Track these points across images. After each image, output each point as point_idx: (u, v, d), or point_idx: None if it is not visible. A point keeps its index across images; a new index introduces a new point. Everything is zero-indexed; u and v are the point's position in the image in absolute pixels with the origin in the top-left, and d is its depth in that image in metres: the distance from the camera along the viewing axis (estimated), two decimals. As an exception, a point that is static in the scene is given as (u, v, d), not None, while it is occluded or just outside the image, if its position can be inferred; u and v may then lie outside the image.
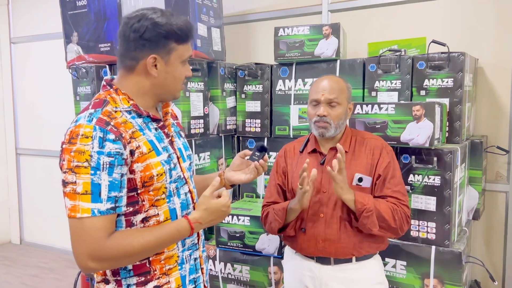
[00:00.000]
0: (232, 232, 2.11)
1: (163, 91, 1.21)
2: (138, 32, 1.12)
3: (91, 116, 1.08)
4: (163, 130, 1.22)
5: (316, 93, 1.62)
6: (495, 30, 2.33)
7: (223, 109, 2.45)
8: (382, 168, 1.59)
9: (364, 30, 2.64)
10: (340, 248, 1.58)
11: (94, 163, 1.03)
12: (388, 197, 1.57)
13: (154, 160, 1.13)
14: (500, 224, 2.40)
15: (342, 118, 1.62)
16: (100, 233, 1.05)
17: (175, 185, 1.20)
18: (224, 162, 2.53)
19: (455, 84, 1.98)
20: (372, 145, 1.64)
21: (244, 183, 1.50)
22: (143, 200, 1.14)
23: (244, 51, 2.98)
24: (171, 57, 1.16)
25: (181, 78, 1.22)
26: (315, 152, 1.68)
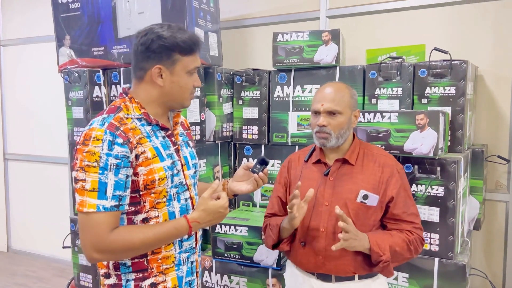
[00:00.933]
0: (229, 243, 2.05)
1: (170, 100, 1.30)
2: (144, 45, 1.24)
3: (103, 121, 1.20)
4: (170, 138, 1.31)
5: (316, 103, 1.57)
6: (495, 38, 2.31)
7: (219, 116, 2.40)
8: (395, 189, 1.52)
9: (362, 37, 2.61)
10: (341, 265, 1.51)
11: (102, 163, 1.14)
12: (403, 222, 1.52)
13: (157, 165, 1.22)
14: (500, 234, 2.37)
15: (344, 128, 1.55)
16: (104, 227, 1.15)
17: (176, 190, 1.28)
18: (220, 169, 2.47)
19: (457, 93, 1.95)
20: (382, 162, 1.56)
21: (244, 193, 1.56)
22: (144, 201, 1.23)
23: (240, 57, 2.94)
24: (176, 68, 1.26)
25: (187, 88, 1.30)
26: (320, 163, 1.62)
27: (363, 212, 1.52)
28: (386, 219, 1.55)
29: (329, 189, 1.54)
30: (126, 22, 2.28)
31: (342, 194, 1.52)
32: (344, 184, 1.54)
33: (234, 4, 2.96)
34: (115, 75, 2.33)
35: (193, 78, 1.30)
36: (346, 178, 1.55)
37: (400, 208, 1.52)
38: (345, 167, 1.57)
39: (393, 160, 1.59)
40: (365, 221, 1.53)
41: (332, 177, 1.56)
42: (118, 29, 2.31)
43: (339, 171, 1.57)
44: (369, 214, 1.53)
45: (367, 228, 1.52)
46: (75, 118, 2.44)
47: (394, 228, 1.54)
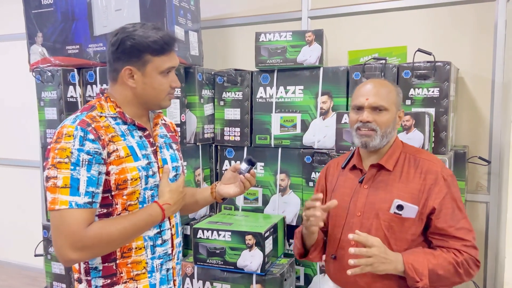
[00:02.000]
0: (211, 248, 1.99)
1: (146, 101, 1.26)
2: (114, 46, 1.22)
3: (75, 118, 1.18)
4: (148, 139, 1.28)
5: (359, 97, 1.41)
6: (475, 40, 2.33)
7: (200, 117, 2.33)
8: (438, 199, 1.35)
9: (344, 38, 2.59)
10: (373, 283, 1.37)
11: (74, 159, 1.12)
12: (451, 239, 1.34)
13: (130, 165, 1.19)
14: (481, 235, 2.38)
15: (390, 126, 1.39)
16: (78, 224, 1.10)
17: (150, 192, 1.25)
18: (201, 172, 2.40)
19: (440, 94, 1.95)
20: (425, 167, 1.39)
21: (232, 197, 1.50)
22: (116, 203, 1.20)
23: (222, 57, 2.88)
24: (147, 69, 1.22)
25: (162, 89, 1.25)
26: (356, 169, 1.48)
27: (398, 225, 1.36)
28: (431, 234, 1.38)
29: (362, 198, 1.40)
30: (103, 20, 2.19)
31: (374, 204, 1.38)
32: (379, 192, 1.40)
33: (215, 3, 2.90)
34: (91, 75, 2.23)
35: (169, 78, 1.26)
36: (381, 186, 1.41)
37: (446, 221, 1.34)
38: (382, 173, 1.43)
39: (439, 166, 1.41)
40: (400, 235, 1.37)
41: (367, 184, 1.43)
42: (94, 27, 2.21)
43: (376, 178, 1.43)
44: (406, 228, 1.37)
45: (404, 243, 1.37)
46: (48, 120, 2.32)
47: (440, 245, 1.36)
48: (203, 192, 1.52)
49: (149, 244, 1.25)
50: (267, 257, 1.93)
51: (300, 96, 2.19)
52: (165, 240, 1.30)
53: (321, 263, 2.17)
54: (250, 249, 1.92)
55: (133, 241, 1.23)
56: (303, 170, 2.18)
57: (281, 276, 1.94)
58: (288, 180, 2.25)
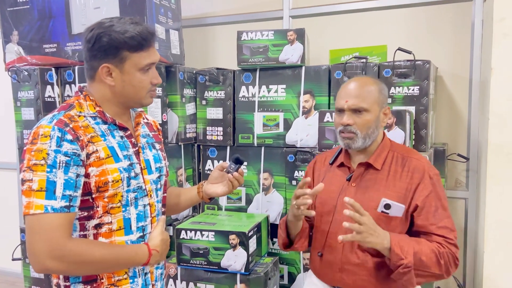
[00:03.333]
0: (195, 249, 1.97)
1: (126, 99, 1.22)
2: (90, 42, 1.16)
3: (52, 118, 1.12)
4: (129, 139, 1.23)
5: (340, 99, 1.44)
6: (453, 40, 2.38)
7: (182, 116, 2.31)
8: (422, 197, 1.36)
9: (325, 37, 2.61)
10: (358, 281, 1.38)
11: (50, 161, 1.07)
12: (433, 235, 1.36)
13: (111, 166, 1.15)
14: (460, 231, 2.43)
15: (371, 127, 1.41)
16: (59, 231, 1.05)
17: (134, 195, 1.21)
18: (183, 172, 2.37)
19: (420, 92, 1.97)
20: (412, 166, 1.41)
21: (220, 196, 1.48)
22: (97, 206, 1.15)
23: (203, 56, 2.85)
24: (125, 66, 1.17)
25: (142, 86, 1.20)
26: (344, 166, 1.49)
27: (385, 223, 1.37)
28: (413, 233, 1.39)
29: (350, 196, 1.39)
30: (81, 18, 2.15)
31: (362, 203, 1.35)
32: (366, 191, 1.41)
33: (196, 2, 2.87)
34: (69, 74, 2.18)
35: (149, 74, 1.21)
36: (369, 184, 1.42)
37: (427, 219, 1.36)
38: (370, 172, 1.44)
39: (425, 165, 1.42)
40: None
41: (354, 182, 1.44)
42: (72, 25, 2.16)
43: (363, 176, 1.44)
44: (392, 226, 1.38)
45: None
46: (24, 120, 2.26)
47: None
48: (189, 192, 1.49)
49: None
50: (251, 257, 1.93)
51: (283, 95, 2.20)
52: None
53: (304, 261, 2.17)
54: (234, 249, 1.91)
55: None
56: (286, 169, 2.18)
57: (265, 275, 1.93)
58: (271, 179, 2.25)
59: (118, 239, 1.19)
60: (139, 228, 1.23)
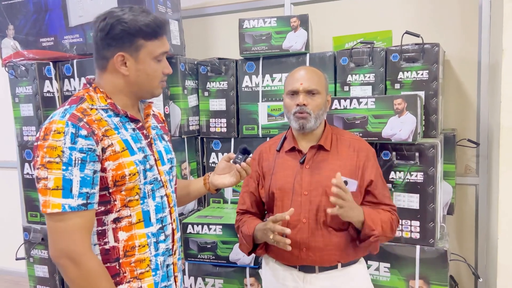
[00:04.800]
0: (202, 243, 1.92)
1: (138, 89, 1.20)
2: (103, 31, 1.13)
3: (65, 112, 1.09)
4: (141, 131, 1.22)
5: (294, 83, 1.52)
6: (460, 23, 2.31)
7: (184, 109, 2.25)
8: (373, 173, 1.51)
9: (328, 24, 2.55)
10: (325, 256, 1.47)
11: (66, 158, 1.04)
12: (381, 205, 1.51)
13: (127, 160, 1.13)
14: (471, 218, 2.39)
15: (322, 109, 1.52)
16: (79, 233, 1.05)
17: (150, 187, 1.19)
18: (187, 166, 2.32)
19: (430, 76, 1.92)
20: (357, 146, 1.54)
21: (227, 187, 1.50)
22: (115, 200, 1.13)
23: (204, 46, 2.79)
24: (140, 54, 1.15)
25: (155, 76, 1.19)
26: (293, 151, 1.56)
27: None
28: (366, 203, 1.53)
29: (306, 177, 1.49)
30: (78, 9, 2.08)
31: (321, 182, 1.47)
32: (322, 171, 1.49)
33: (195, -8, 2.81)
34: (68, 68, 2.13)
35: (161, 64, 1.20)
36: (323, 165, 1.51)
37: (379, 191, 1.52)
38: (321, 153, 1.53)
39: (366, 144, 1.58)
40: None
41: (308, 164, 1.51)
42: (69, 17, 2.10)
43: (315, 158, 1.52)
44: None
45: None
46: (24, 117, 2.21)
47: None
48: (196, 183, 1.47)
49: (152, 240, 1.20)
50: (260, 249, 1.88)
51: (287, 84, 2.14)
52: (167, 235, 1.24)
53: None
54: (242, 242, 1.87)
55: (136, 239, 1.17)
56: (293, 159, 2.13)
57: (275, 268, 1.89)
58: (278, 170, 2.20)
59: (138, 232, 1.17)
60: (158, 220, 1.22)
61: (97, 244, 1.14)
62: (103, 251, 1.14)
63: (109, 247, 1.14)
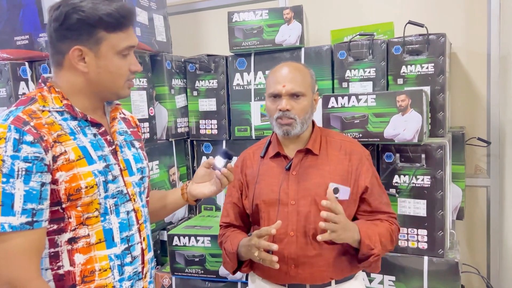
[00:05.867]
0: (190, 256, 1.77)
1: (101, 89, 1.06)
2: (57, 21, 0.99)
3: (9, 115, 0.95)
4: (104, 137, 1.07)
5: (276, 85, 1.35)
6: (467, 13, 2.15)
7: (172, 110, 2.10)
8: (368, 178, 1.36)
9: (325, 17, 2.39)
10: (316, 273, 1.31)
11: (6, 169, 0.90)
12: (379, 214, 1.37)
13: (83, 170, 0.99)
14: (482, 222, 2.22)
15: (308, 112, 1.37)
16: (24, 257, 0.90)
17: (113, 201, 1.05)
18: (176, 171, 2.17)
19: (436, 70, 1.75)
20: (349, 149, 1.39)
21: (208, 197, 1.29)
22: (69, 216, 0.99)
23: (192, 43, 2.64)
24: (101, 48, 1.01)
25: (120, 73, 1.05)
26: (278, 156, 1.40)
27: None
28: (362, 212, 1.39)
29: (293, 185, 1.34)
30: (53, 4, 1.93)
31: (309, 190, 1.33)
32: (310, 178, 1.35)
33: (183, -14, 2.66)
34: (45, 68, 1.97)
35: (128, 60, 1.06)
36: (311, 171, 1.36)
37: (376, 198, 1.38)
38: (309, 158, 1.38)
39: (359, 146, 1.43)
40: None
41: (295, 171, 1.36)
42: (43, 13, 1.95)
43: (302, 163, 1.37)
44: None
45: None
46: (-1, 121, 2.06)
47: (369, 220, 1.38)
48: (173, 194, 1.31)
49: (116, 263, 1.04)
50: (252, 262, 1.72)
51: (281, 81, 1.98)
52: (135, 256, 1.09)
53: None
54: (233, 255, 1.71)
55: (95, 262, 1.01)
56: (288, 162, 1.97)
57: (270, 282, 1.73)
58: (273, 175, 2.04)
59: (98, 254, 1.02)
60: (124, 239, 1.06)
61: (49, 269, 0.98)
62: (57, 277, 0.98)
63: (64, 272, 0.98)
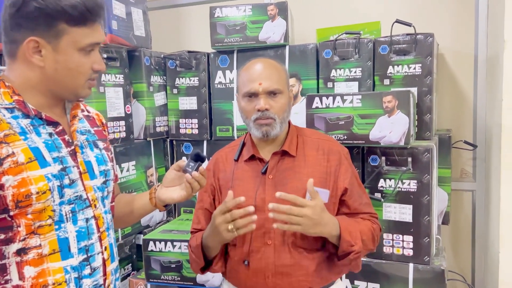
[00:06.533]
0: (166, 262, 1.68)
1: (58, 87, 0.97)
2: (14, 7, 0.90)
3: None
4: (62, 136, 0.98)
5: (251, 83, 1.26)
6: (455, 13, 2.11)
7: (150, 108, 2.01)
8: (347, 179, 1.29)
9: (311, 15, 2.33)
10: (295, 282, 1.24)
11: None
12: (359, 215, 1.30)
13: (34, 173, 0.90)
14: (467, 227, 2.18)
15: (286, 110, 1.29)
16: None
17: (70, 207, 0.96)
18: (155, 172, 2.08)
19: (423, 71, 1.70)
20: (326, 148, 1.31)
21: (177, 202, 1.20)
22: (18, 225, 0.90)
23: (173, 38, 2.55)
24: (62, 43, 0.93)
25: (80, 72, 0.97)
26: (253, 159, 1.31)
27: None
28: (341, 215, 1.30)
29: (270, 190, 1.25)
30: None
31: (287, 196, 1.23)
32: (288, 182, 1.27)
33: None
34: None
35: (91, 58, 0.98)
36: (288, 174, 1.28)
37: (356, 199, 1.31)
38: (285, 160, 1.30)
39: (337, 145, 1.36)
40: None
41: (271, 174, 1.28)
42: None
43: (279, 166, 1.29)
44: None
45: None
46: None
47: None
48: (140, 199, 1.22)
49: (73, 276, 0.95)
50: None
51: (264, 80, 1.91)
52: (95, 268, 1.00)
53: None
54: (211, 261, 1.63)
55: (48, 275, 0.92)
56: (271, 164, 1.90)
57: (250, 290, 1.66)
58: (255, 177, 1.97)
59: (52, 266, 0.92)
60: (82, 249, 0.97)
61: None
62: None
63: (12, 286, 0.90)
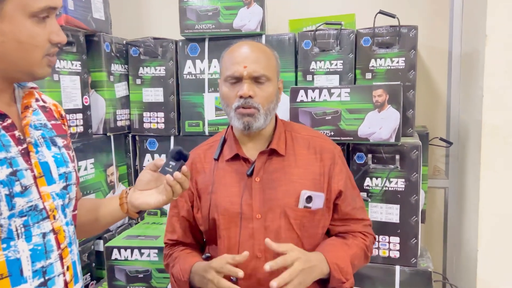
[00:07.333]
0: (132, 272, 1.51)
1: (7, 65, 0.79)
2: None
3: None
4: (11, 132, 0.80)
5: (234, 65, 1.11)
6: (430, 6, 2.08)
7: (110, 99, 1.81)
8: (341, 181, 1.18)
9: (284, 5, 2.22)
10: None
11: None
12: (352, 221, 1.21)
13: None
14: (439, 223, 2.18)
15: (273, 101, 1.15)
16: None
17: (21, 221, 0.78)
18: (115, 171, 1.88)
19: (406, 65, 1.64)
20: (318, 146, 1.19)
21: (154, 208, 1.02)
22: None
23: (136, 23, 2.35)
24: (6, 8, 0.75)
25: (34, 44, 0.79)
26: (237, 159, 1.17)
27: (309, 220, 1.15)
28: (333, 221, 1.22)
29: (257, 194, 1.14)
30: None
31: (277, 201, 1.13)
32: (277, 185, 1.14)
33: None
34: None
35: (47, 27, 0.80)
36: (278, 176, 1.15)
37: (349, 204, 1.20)
38: (274, 160, 1.17)
39: (330, 142, 1.24)
40: (313, 231, 1.17)
41: (258, 177, 1.14)
42: None
43: (267, 167, 1.15)
44: (317, 221, 1.17)
45: (315, 240, 1.18)
46: None
47: (342, 231, 1.22)
48: (108, 204, 1.04)
49: None
50: None
51: (239, 71, 1.77)
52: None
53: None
54: (184, 269, 1.48)
55: None
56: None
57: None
58: (227, 175, 1.83)
59: None
60: (38, 271, 0.80)
61: None
62: None
63: None
